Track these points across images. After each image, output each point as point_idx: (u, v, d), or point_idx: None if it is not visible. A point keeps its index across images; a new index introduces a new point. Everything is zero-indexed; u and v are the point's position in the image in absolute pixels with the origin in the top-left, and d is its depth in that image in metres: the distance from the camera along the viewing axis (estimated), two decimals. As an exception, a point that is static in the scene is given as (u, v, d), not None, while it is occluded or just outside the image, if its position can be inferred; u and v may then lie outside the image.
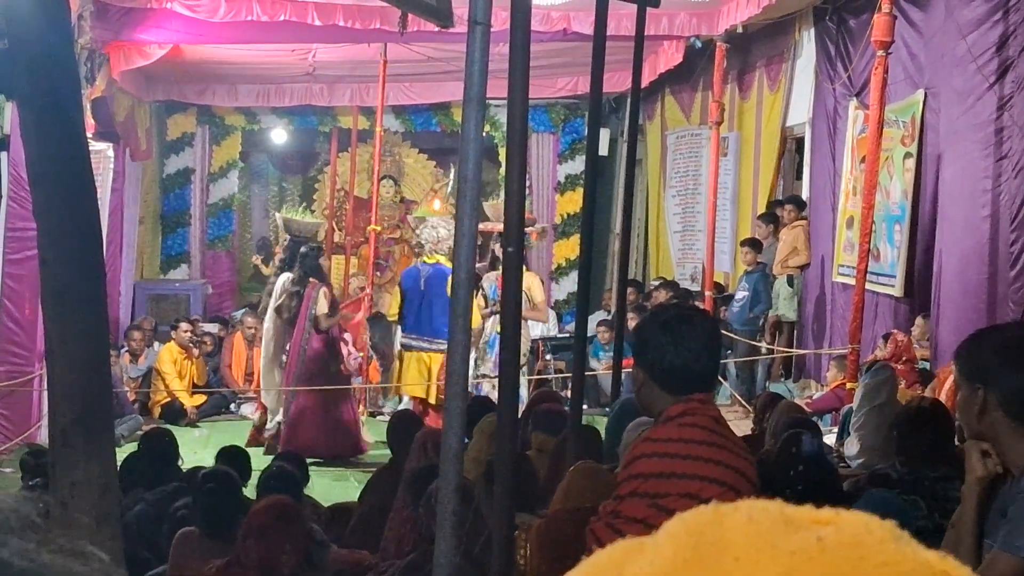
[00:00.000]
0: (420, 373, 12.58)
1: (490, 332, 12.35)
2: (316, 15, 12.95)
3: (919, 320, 11.15)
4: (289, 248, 13.10)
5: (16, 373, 11.72)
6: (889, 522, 0.72)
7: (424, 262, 12.81)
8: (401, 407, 13.25)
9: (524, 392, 11.92)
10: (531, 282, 11.91)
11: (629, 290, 13.67)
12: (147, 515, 7.25)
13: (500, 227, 12.25)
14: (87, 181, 5.38)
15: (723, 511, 0.73)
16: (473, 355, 11.98)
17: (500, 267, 11.51)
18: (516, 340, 5.14)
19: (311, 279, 12.55)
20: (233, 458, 8.13)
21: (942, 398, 9.14)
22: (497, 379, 5.31)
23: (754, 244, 14.23)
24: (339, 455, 12.34)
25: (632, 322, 11.43)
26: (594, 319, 15.49)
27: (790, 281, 14.03)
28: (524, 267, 11.87)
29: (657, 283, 17.06)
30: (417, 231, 12.46)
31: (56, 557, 0.84)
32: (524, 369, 12.15)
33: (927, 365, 10.78)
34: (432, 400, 12.24)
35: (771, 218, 14.51)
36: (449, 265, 11.59)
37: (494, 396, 10.87)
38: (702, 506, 0.75)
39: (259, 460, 9.69)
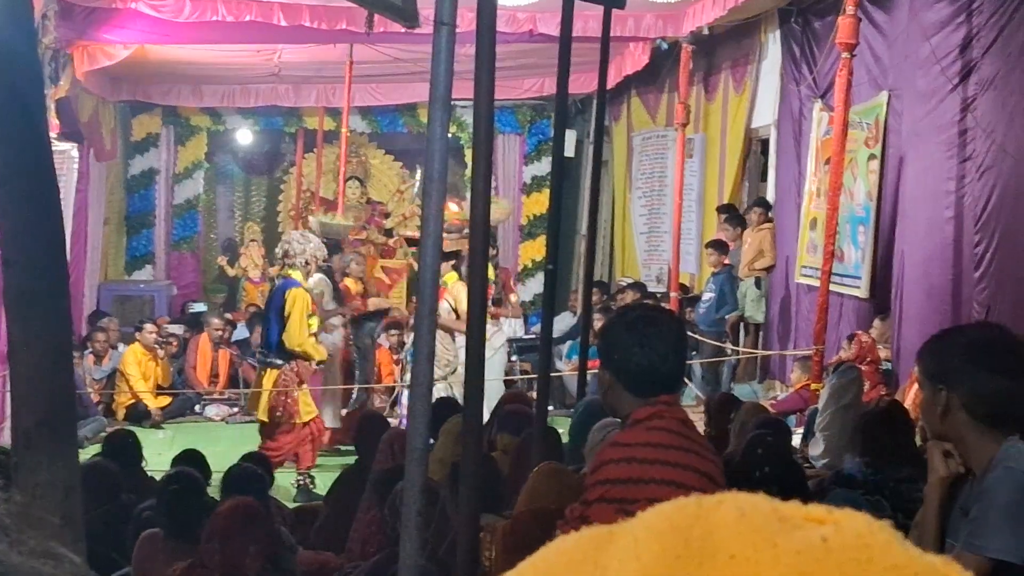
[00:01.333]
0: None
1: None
2: (282, 15, 12.93)
3: (876, 321, 11.19)
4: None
5: (-22, 375, 11.66)
6: (887, 523, 0.71)
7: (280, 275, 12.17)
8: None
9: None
10: (459, 292, 11.76)
11: (594, 291, 13.68)
12: (111, 517, 7.21)
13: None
14: (50, 182, 5.35)
15: (707, 504, 0.71)
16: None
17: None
18: (481, 342, 5.13)
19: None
20: (192, 461, 8.10)
21: (910, 399, 9.19)
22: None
23: (719, 246, 14.26)
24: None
25: (598, 323, 11.44)
26: (560, 320, 15.49)
27: (757, 283, 14.06)
28: (456, 274, 11.88)
29: (625, 283, 17.08)
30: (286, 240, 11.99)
31: (26, 559, 0.83)
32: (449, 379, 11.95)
33: (889, 366, 10.83)
34: (264, 418, 11.48)
35: (737, 220, 14.54)
36: (297, 278, 11.39)
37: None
38: (681, 498, 0.74)
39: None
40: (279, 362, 11.24)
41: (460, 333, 11.66)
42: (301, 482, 11.45)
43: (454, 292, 11.78)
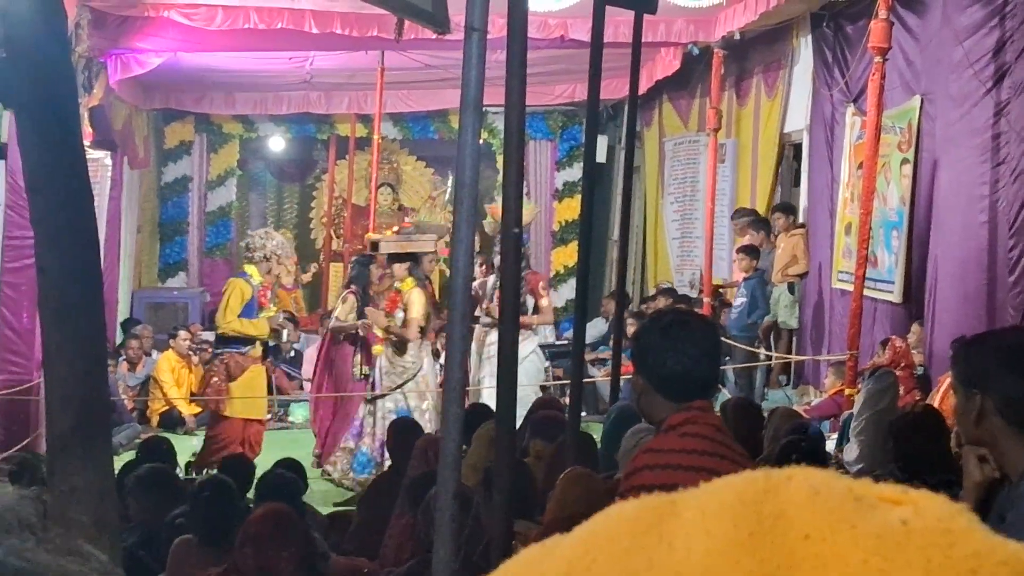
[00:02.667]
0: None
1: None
2: (313, 23, 12.95)
3: (915, 326, 11.14)
4: None
5: (14, 382, 11.70)
6: (965, 506, 0.69)
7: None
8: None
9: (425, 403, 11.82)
10: (411, 297, 11.71)
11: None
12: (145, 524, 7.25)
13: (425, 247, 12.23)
14: (85, 189, 5.38)
15: (776, 479, 0.68)
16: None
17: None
18: (513, 347, 5.13)
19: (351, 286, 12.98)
20: (236, 467, 8.15)
21: (937, 403, 9.16)
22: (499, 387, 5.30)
23: (750, 251, 14.22)
24: None
25: (631, 328, 11.43)
26: (592, 326, 15.48)
27: (791, 289, 14.02)
28: (413, 280, 11.86)
29: (657, 290, 17.05)
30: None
31: (53, 556, 0.84)
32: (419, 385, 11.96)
33: (923, 371, 10.78)
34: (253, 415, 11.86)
35: (762, 224, 14.50)
36: (251, 273, 11.63)
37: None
38: (749, 472, 0.72)
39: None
40: (217, 352, 11.88)
41: (411, 341, 11.65)
42: None
43: (408, 299, 11.73)
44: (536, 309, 12.05)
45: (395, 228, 14.85)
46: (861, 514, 0.66)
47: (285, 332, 12.16)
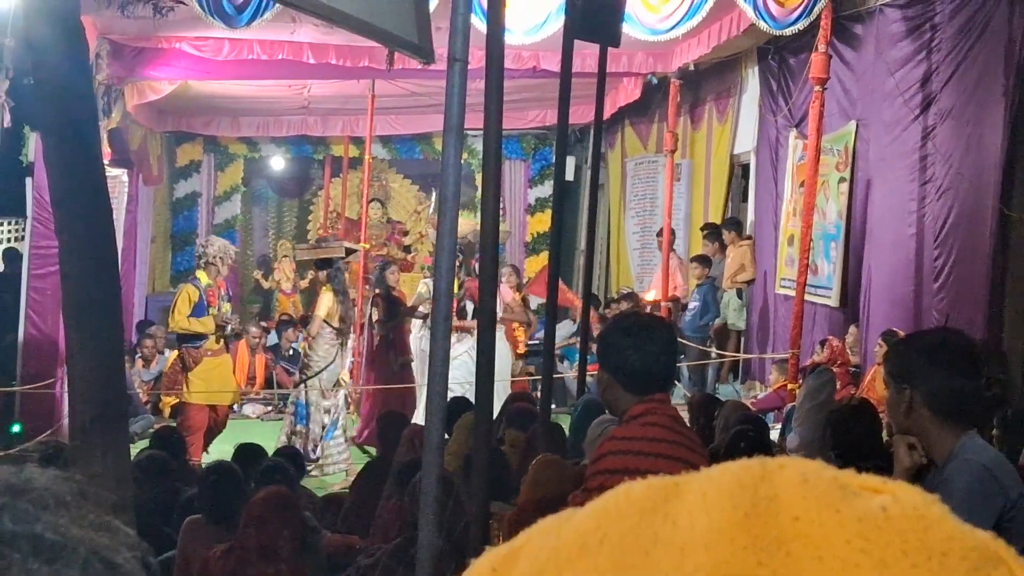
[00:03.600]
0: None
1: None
2: (311, 54, 12.96)
3: (852, 328, 11.17)
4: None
5: (40, 376, 11.67)
6: (937, 497, 0.70)
7: None
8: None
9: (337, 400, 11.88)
10: (320, 298, 11.78)
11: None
12: (163, 498, 7.24)
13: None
14: (104, 203, 5.37)
15: (770, 466, 0.68)
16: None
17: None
18: (491, 346, 5.13)
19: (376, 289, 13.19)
20: (246, 453, 8.15)
21: (864, 391, 9.20)
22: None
23: (703, 260, 14.28)
24: None
25: (596, 330, 11.44)
26: (561, 327, 15.48)
27: (739, 294, 14.06)
28: (324, 284, 11.88)
29: (620, 295, 17.07)
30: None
31: (86, 531, 0.84)
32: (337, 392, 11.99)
33: (859, 369, 10.82)
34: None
35: (716, 236, 14.55)
36: (200, 277, 11.75)
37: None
38: (746, 460, 0.72)
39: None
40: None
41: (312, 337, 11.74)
42: None
43: (319, 299, 11.84)
44: (475, 314, 11.97)
45: (313, 239, 14.92)
46: (846, 500, 0.66)
47: (229, 326, 12.11)
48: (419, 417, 10.40)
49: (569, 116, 7.99)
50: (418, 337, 12.58)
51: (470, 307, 12.14)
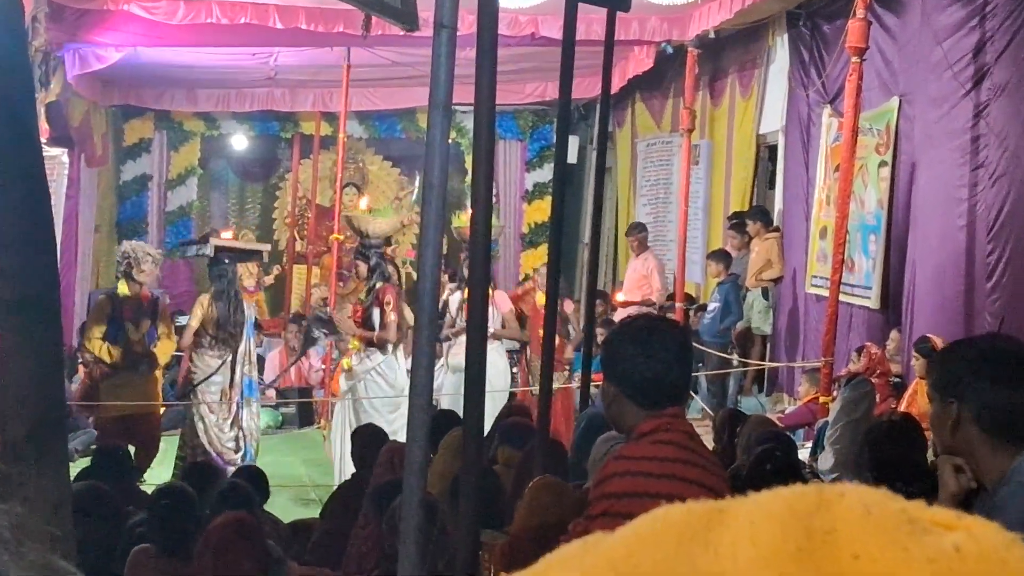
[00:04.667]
0: None
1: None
2: (278, 18, 12.93)
3: (894, 333, 11.17)
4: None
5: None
6: (1019, 536, 0.68)
7: None
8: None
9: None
10: (197, 301, 11.82)
11: (596, 302, 13.67)
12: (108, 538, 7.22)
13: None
14: (41, 188, 5.35)
15: (828, 495, 0.68)
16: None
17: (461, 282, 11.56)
18: (482, 353, 5.13)
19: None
20: (198, 474, 8.12)
21: (905, 405, 9.21)
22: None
23: (721, 257, 14.26)
24: None
25: (601, 336, 11.43)
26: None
27: (765, 294, 14.04)
28: (240, 286, 11.89)
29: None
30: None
31: (26, 572, 0.83)
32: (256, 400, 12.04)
33: (901, 380, 10.81)
34: None
35: (742, 227, 14.53)
36: (120, 289, 11.82)
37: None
38: (800, 486, 0.71)
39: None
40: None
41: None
42: None
43: (195, 307, 11.91)
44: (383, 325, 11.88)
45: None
46: (914, 537, 0.65)
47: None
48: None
49: (572, 90, 7.98)
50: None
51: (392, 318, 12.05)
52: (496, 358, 12.06)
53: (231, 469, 11.11)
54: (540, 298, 12.60)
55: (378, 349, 11.69)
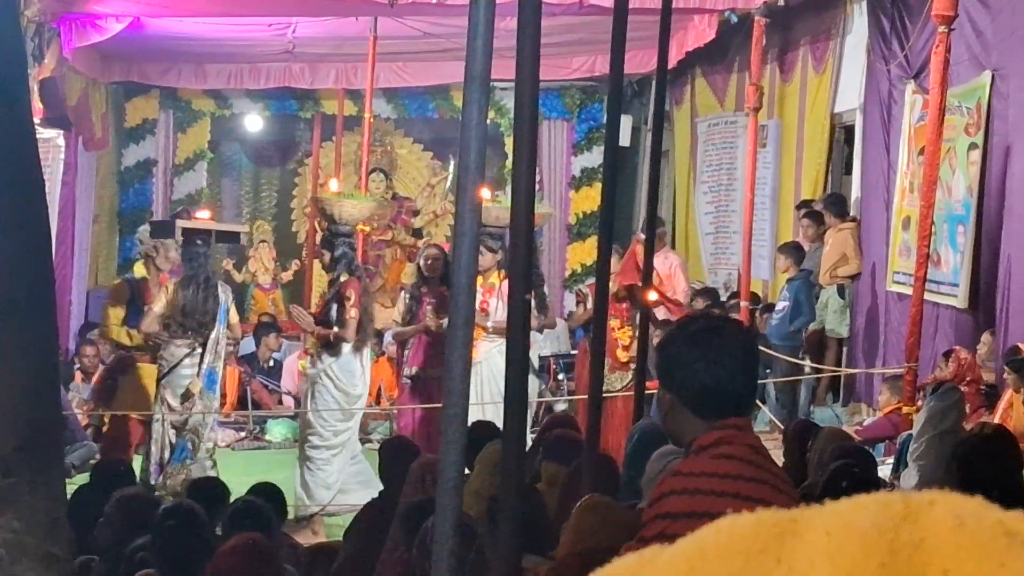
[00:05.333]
0: None
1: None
2: (296, -16, 12.99)
3: (986, 336, 11.12)
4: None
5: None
6: None
7: None
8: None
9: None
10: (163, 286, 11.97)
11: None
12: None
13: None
14: (34, 174, 5.38)
15: (916, 504, 0.67)
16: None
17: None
18: (525, 356, 5.13)
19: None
20: (205, 491, 8.14)
21: (998, 418, 9.17)
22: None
23: (791, 250, 14.18)
24: None
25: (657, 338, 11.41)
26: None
27: (841, 292, 13.97)
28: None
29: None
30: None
31: None
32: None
33: (994, 388, 10.76)
34: None
35: (815, 216, 14.47)
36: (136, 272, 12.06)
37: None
38: (884, 493, 0.70)
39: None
40: None
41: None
42: None
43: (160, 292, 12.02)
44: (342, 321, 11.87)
45: None
46: (1013, 552, 0.64)
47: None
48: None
49: (624, 64, 7.98)
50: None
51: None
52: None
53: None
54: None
55: (331, 349, 11.68)
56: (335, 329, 11.54)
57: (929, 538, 0.65)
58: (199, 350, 11.72)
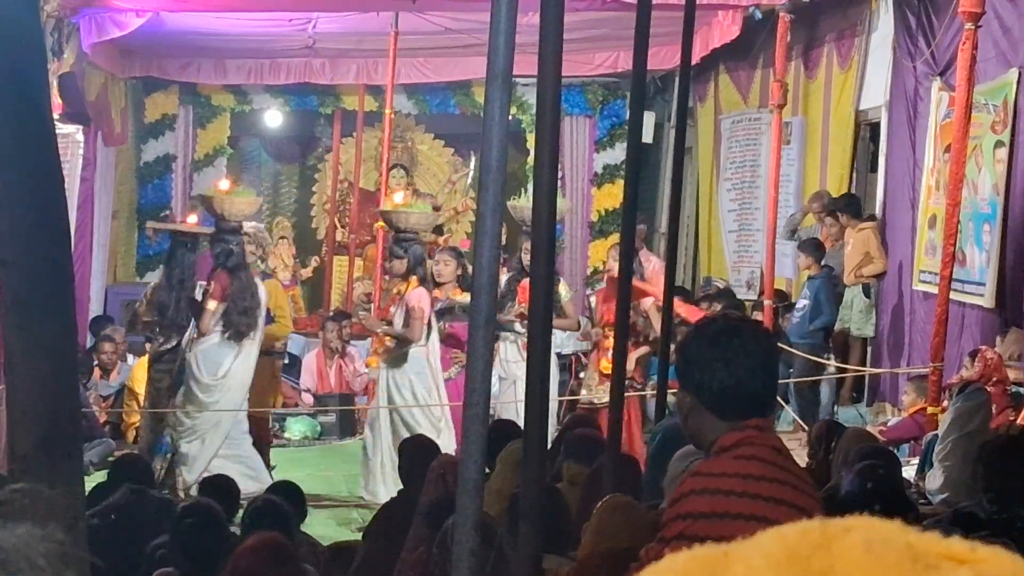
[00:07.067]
0: None
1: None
2: (317, -21, 13.01)
3: (1011, 335, 11.10)
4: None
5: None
6: None
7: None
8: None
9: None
10: None
11: (676, 299, 13.63)
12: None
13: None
14: (53, 169, 5.39)
15: (831, 531, 0.68)
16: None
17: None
18: (545, 355, 5.14)
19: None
20: (218, 489, 8.15)
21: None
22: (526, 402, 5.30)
23: (812, 248, 14.11)
24: None
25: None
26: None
27: (866, 291, 13.92)
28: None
29: (718, 286, 17.03)
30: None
31: None
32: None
33: (1021, 388, 10.73)
34: None
35: (836, 213, 14.43)
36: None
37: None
38: (805, 521, 0.71)
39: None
40: None
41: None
42: None
43: None
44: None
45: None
46: (916, 574, 0.65)
47: None
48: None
49: (648, 60, 7.98)
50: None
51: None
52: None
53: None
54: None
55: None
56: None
57: (838, 565, 0.66)
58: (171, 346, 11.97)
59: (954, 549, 0.68)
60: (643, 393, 12.44)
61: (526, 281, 11.63)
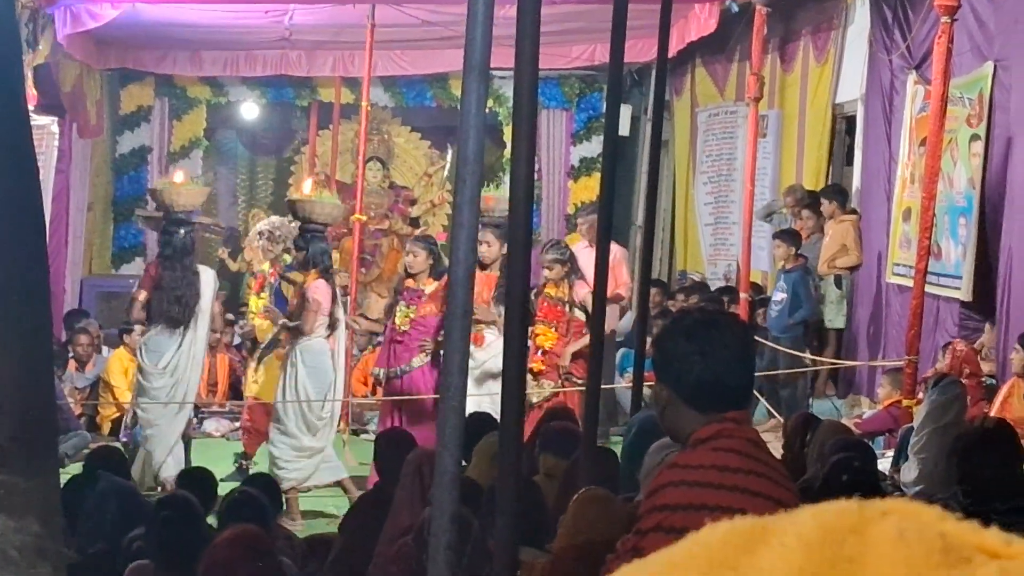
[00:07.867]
0: None
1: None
2: (293, -30, 12.98)
3: (987, 328, 11.12)
4: None
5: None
6: None
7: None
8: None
9: None
10: None
11: (653, 291, 13.63)
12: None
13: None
14: (28, 161, 5.37)
15: (869, 514, 0.67)
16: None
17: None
18: (523, 350, 5.14)
19: None
20: (195, 481, 8.14)
21: (996, 411, 9.18)
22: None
23: (789, 238, 14.10)
24: None
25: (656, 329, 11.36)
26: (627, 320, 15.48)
27: (838, 283, 13.96)
28: None
29: (692, 280, 17.05)
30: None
31: None
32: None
33: (995, 380, 10.76)
34: None
35: (814, 206, 14.43)
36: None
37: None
38: (844, 502, 0.69)
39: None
40: None
41: None
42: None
43: None
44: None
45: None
46: (945, 568, 0.64)
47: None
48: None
49: (624, 53, 7.98)
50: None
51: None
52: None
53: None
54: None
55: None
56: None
57: (869, 552, 0.65)
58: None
59: (988, 542, 0.67)
60: (581, 388, 12.32)
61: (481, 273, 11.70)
